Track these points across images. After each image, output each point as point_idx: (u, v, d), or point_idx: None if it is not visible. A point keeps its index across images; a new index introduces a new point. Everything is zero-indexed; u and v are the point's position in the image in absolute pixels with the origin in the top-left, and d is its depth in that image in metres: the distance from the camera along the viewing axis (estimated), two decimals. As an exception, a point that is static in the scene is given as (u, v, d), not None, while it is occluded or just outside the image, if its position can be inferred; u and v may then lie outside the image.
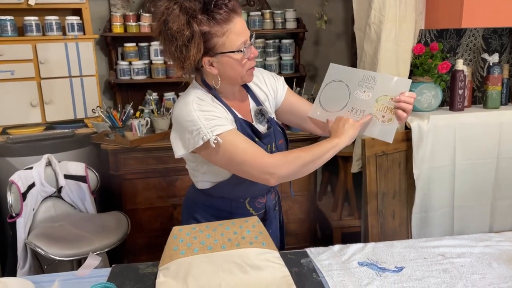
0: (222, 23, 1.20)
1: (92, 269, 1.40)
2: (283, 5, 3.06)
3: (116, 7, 2.88)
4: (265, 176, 1.25)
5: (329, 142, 1.29)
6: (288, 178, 1.29)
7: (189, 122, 1.25)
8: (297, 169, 1.26)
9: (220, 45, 1.23)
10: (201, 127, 1.23)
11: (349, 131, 1.30)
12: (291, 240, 2.79)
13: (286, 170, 1.25)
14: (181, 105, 1.29)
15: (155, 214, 2.64)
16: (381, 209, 2.19)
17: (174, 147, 1.31)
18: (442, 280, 1.32)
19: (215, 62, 1.26)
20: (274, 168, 1.24)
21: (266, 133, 1.40)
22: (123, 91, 2.94)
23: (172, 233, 1.32)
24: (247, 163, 1.25)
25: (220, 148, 1.24)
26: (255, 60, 2.88)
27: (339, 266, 1.41)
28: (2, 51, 2.49)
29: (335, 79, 1.40)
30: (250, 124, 1.37)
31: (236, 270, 1.22)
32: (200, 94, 1.31)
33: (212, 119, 1.25)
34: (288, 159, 1.26)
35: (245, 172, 1.27)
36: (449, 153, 2.20)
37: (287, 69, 3.00)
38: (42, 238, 2.02)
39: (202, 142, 1.23)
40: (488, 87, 2.27)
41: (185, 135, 1.27)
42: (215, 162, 1.30)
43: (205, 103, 1.29)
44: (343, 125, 1.31)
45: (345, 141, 1.29)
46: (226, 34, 1.22)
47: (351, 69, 1.39)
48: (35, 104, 2.61)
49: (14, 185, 2.03)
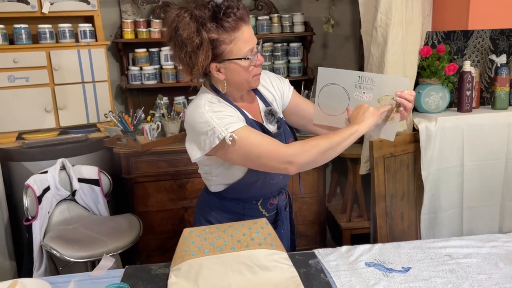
0: (230, 31, 1.24)
1: (106, 270, 1.44)
2: (290, 9, 3.09)
3: (127, 13, 2.94)
4: (284, 166, 1.27)
5: (348, 129, 1.31)
6: (308, 166, 1.30)
7: (203, 124, 1.28)
8: (316, 157, 1.27)
9: (228, 52, 1.27)
10: (215, 127, 1.26)
11: (369, 118, 1.32)
12: (301, 242, 2.81)
13: (304, 158, 1.27)
14: (193, 109, 1.32)
15: (167, 216, 2.68)
16: (390, 210, 2.20)
17: (190, 152, 1.34)
18: (449, 280, 1.34)
19: (222, 68, 1.30)
20: (292, 157, 1.26)
21: (277, 132, 1.43)
22: (134, 96, 3.00)
23: (183, 235, 1.35)
24: (264, 155, 1.27)
25: (236, 145, 1.26)
26: (264, 63, 2.91)
27: (347, 266, 1.43)
28: (17, 59, 2.56)
29: (329, 83, 1.40)
30: (261, 124, 1.40)
31: (246, 270, 1.26)
32: (210, 97, 1.34)
33: (225, 118, 1.28)
34: (306, 147, 1.27)
35: (264, 164, 1.29)
36: (458, 154, 2.21)
37: (296, 72, 3.03)
38: (57, 240, 2.07)
39: (218, 141, 1.26)
40: (496, 88, 2.27)
41: (200, 137, 1.30)
42: (233, 159, 1.32)
43: (216, 105, 1.32)
44: (364, 113, 1.33)
45: (364, 128, 1.31)
46: (233, 42, 1.26)
47: (342, 71, 1.40)
48: (49, 110, 2.67)
49: (30, 189, 2.09)
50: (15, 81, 2.58)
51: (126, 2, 2.94)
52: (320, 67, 1.42)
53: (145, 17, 2.96)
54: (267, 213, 1.50)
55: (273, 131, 1.43)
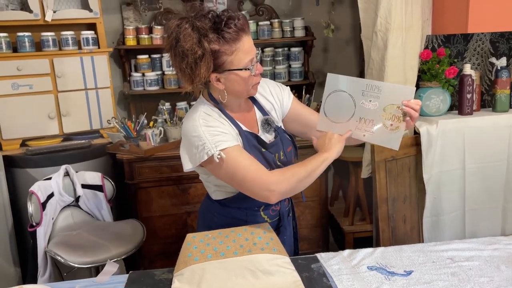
0: (231, 42, 1.25)
1: (110, 275, 1.45)
2: (291, 14, 3.11)
3: (129, 20, 2.97)
4: (265, 193, 1.30)
5: (320, 156, 1.35)
6: (287, 194, 1.34)
7: (195, 138, 1.30)
8: (295, 185, 1.31)
9: (229, 63, 1.28)
10: (205, 142, 1.28)
11: (335, 145, 1.36)
12: (304, 246, 2.82)
13: (285, 186, 1.30)
14: (189, 121, 1.35)
15: (170, 221, 2.69)
16: (392, 213, 2.21)
17: (183, 161, 1.37)
18: (450, 283, 1.35)
19: (222, 78, 1.31)
20: (275, 185, 1.29)
21: (273, 142, 1.44)
22: (137, 102, 3.02)
23: (186, 240, 1.37)
24: (248, 180, 1.29)
25: (224, 163, 1.28)
26: (264, 68, 2.91)
27: (349, 270, 1.44)
28: (20, 66, 2.59)
29: (336, 90, 1.41)
30: (256, 135, 1.41)
31: (248, 275, 1.27)
32: (206, 109, 1.36)
33: (217, 134, 1.30)
34: (287, 175, 1.31)
35: (247, 188, 1.32)
36: (459, 157, 2.21)
37: (297, 76, 3.05)
38: (61, 246, 2.08)
39: (207, 157, 1.28)
40: (497, 91, 2.28)
41: (192, 150, 1.32)
42: (219, 176, 1.35)
43: (211, 118, 1.34)
44: (330, 140, 1.37)
45: (333, 155, 1.35)
46: (235, 53, 1.27)
47: (350, 78, 1.41)
48: (52, 117, 2.70)
49: (34, 195, 2.10)
50: (18, 89, 2.61)
51: (128, 9, 2.96)
52: (329, 73, 1.43)
53: (147, 23, 2.99)
54: (269, 219, 1.50)
55: (269, 141, 1.44)
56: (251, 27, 2.96)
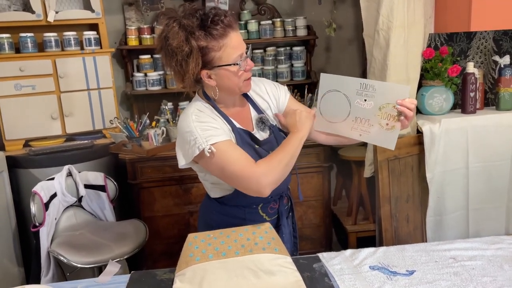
0: (218, 38, 1.27)
1: (113, 275, 1.46)
2: (293, 13, 3.11)
3: (131, 20, 2.97)
4: (256, 186, 1.28)
5: (295, 137, 1.35)
6: (278, 182, 1.32)
7: (188, 133, 1.32)
8: (283, 171, 1.31)
9: (217, 59, 1.29)
10: (197, 137, 1.30)
11: (306, 123, 1.38)
12: (307, 245, 2.82)
13: (275, 175, 1.29)
14: (182, 118, 1.37)
15: (172, 221, 2.70)
16: (395, 213, 2.20)
17: (178, 158, 1.38)
18: (453, 283, 1.34)
19: (213, 75, 1.33)
20: (263, 177, 1.28)
21: (266, 139, 1.44)
22: (139, 102, 3.02)
23: (187, 240, 1.36)
24: (237, 174, 1.29)
25: (214, 158, 1.29)
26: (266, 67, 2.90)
27: (351, 270, 1.43)
28: (23, 67, 2.60)
29: (331, 89, 1.41)
30: (249, 132, 1.42)
31: (250, 275, 1.26)
32: (199, 106, 1.38)
33: (208, 129, 1.31)
34: (273, 164, 1.30)
35: (237, 183, 1.32)
36: (462, 156, 2.20)
37: (299, 75, 3.04)
38: (64, 246, 2.09)
39: (198, 152, 1.29)
40: (500, 89, 2.27)
41: (185, 145, 1.34)
42: (212, 171, 1.36)
43: (204, 114, 1.35)
44: (300, 119, 1.38)
45: (306, 132, 1.38)
46: (222, 49, 1.28)
47: (344, 77, 1.40)
48: (55, 117, 2.70)
49: (37, 196, 2.11)
50: (21, 89, 2.62)
51: (130, 9, 2.97)
52: (322, 73, 1.43)
53: (149, 23, 2.99)
54: (268, 217, 1.50)
55: (263, 138, 1.44)
56: (253, 27, 2.96)
